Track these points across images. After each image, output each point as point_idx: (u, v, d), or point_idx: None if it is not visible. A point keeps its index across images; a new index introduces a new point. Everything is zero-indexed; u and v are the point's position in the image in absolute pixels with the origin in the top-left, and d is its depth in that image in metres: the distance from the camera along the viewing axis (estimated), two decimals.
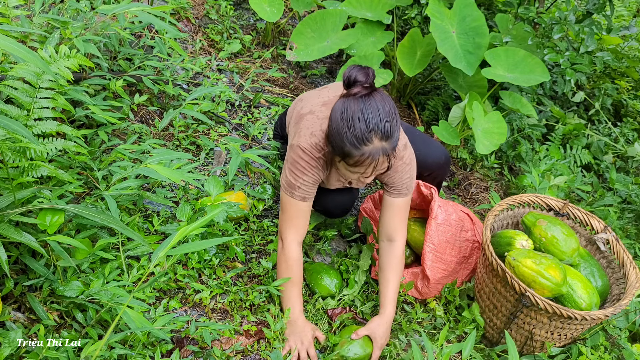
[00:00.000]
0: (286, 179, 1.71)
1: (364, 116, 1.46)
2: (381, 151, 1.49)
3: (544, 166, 2.65)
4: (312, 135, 1.66)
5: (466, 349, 1.43)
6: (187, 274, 1.73)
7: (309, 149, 1.65)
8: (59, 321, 1.44)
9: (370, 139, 1.47)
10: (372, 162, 1.51)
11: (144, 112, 2.31)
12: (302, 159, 1.66)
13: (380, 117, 1.47)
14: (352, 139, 1.48)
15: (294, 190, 1.70)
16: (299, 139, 1.68)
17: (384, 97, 1.51)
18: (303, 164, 1.67)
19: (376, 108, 1.48)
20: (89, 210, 1.35)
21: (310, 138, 1.66)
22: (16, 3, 1.90)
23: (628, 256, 1.87)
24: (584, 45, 2.86)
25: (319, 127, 1.67)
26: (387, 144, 1.49)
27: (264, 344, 1.65)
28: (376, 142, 1.48)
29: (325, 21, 2.76)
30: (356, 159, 1.50)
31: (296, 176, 1.68)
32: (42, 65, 1.06)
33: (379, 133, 1.47)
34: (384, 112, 1.48)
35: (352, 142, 1.48)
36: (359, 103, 1.48)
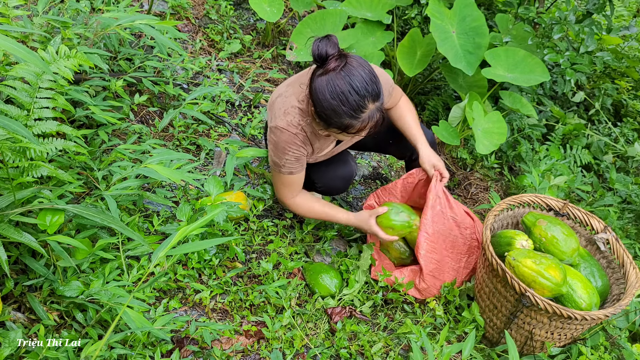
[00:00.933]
0: (271, 160, 1.80)
1: (353, 87, 1.51)
2: (376, 110, 1.58)
3: (544, 166, 2.65)
4: (285, 114, 1.70)
5: (466, 349, 1.43)
6: (187, 274, 1.73)
7: (285, 127, 1.70)
8: (59, 321, 1.44)
9: (366, 105, 1.54)
10: (371, 122, 1.59)
11: (144, 112, 2.31)
12: (280, 139, 1.71)
13: (366, 82, 1.52)
14: (350, 111, 1.53)
15: (280, 167, 1.78)
16: (275, 121, 1.73)
17: (358, 61, 1.55)
18: (283, 144, 1.72)
19: (359, 75, 1.52)
20: (89, 210, 1.35)
21: (284, 117, 1.70)
22: (16, 3, 1.90)
23: (628, 256, 1.87)
24: (584, 45, 2.86)
25: (289, 105, 1.71)
26: (378, 102, 1.57)
27: (264, 344, 1.65)
28: (370, 106, 1.55)
29: (325, 21, 2.76)
30: (358, 127, 1.58)
31: (279, 156, 1.75)
32: (42, 65, 1.06)
33: (370, 97, 1.54)
34: (366, 75, 1.53)
35: (350, 114, 1.54)
36: (342, 76, 1.52)
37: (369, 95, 1.53)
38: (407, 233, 1.94)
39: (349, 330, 1.76)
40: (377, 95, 1.56)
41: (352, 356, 1.69)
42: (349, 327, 1.76)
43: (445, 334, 1.57)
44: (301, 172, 1.82)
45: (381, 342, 1.75)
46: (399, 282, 1.94)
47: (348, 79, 1.51)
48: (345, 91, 1.51)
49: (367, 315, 1.87)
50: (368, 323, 1.85)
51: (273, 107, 1.78)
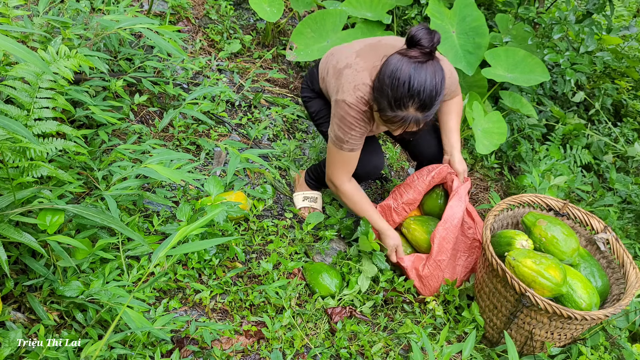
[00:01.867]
0: (335, 134, 1.78)
1: (410, 82, 1.49)
2: (413, 119, 1.56)
3: (544, 166, 2.65)
4: (356, 89, 1.69)
5: (466, 349, 1.43)
6: (187, 274, 1.73)
7: (355, 103, 1.69)
8: (59, 321, 1.44)
9: (408, 106, 1.53)
10: (402, 125, 1.58)
11: (144, 112, 2.31)
12: (349, 114, 1.71)
13: (424, 88, 1.50)
14: (391, 99, 1.53)
15: (343, 144, 1.78)
16: (343, 95, 1.71)
17: (436, 69, 1.52)
18: (350, 120, 1.72)
19: (424, 79, 1.50)
20: (89, 210, 1.35)
21: (354, 92, 1.69)
22: (16, 3, 1.90)
23: (628, 256, 1.87)
24: (584, 45, 2.86)
25: (361, 81, 1.69)
26: (421, 115, 1.55)
27: (264, 344, 1.65)
28: (411, 110, 1.54)
29: (325, 21, 2.76)
30: (389, 117, 1.58)
31: (344, 131, 1.74)
32: (42, 65, 1.06)
33: (417, 103, 1.52)
34: (430, 84, 1.50)
35: (390, 102, 1.54)
36: (411, 67, 1.50)
37: (417, 101, 1.52)
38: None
39: (349, 330, 1.76)
40: (424, 107, 1.54)
41: (352, 356, 1.69)
42: (349, 327, 1.76)
43: (445, 334, 1.57)
44: (359, 150, 1.83)
45: (381, 342, 1.75)
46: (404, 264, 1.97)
47: (414, 73, 1.50)
48: (402, 80, 1.50)
49: (367, 315, 1.87)
50: (368, 323, 1.85)
51: (340, 78, 1.76)
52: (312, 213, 2.10)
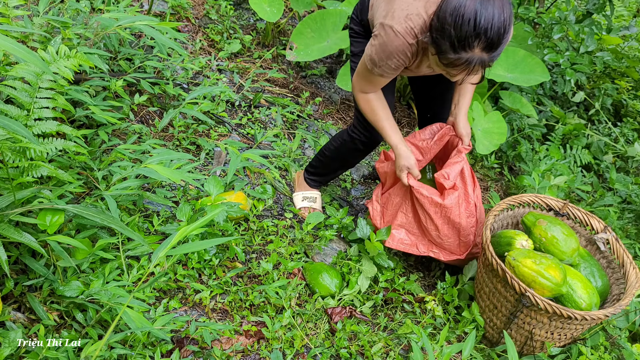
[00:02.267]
0: (370, 56, 1.64)
1: (476, 19, 1.33)
2: (479, 61, 1.40)
3: (544, 166, 2.65)
4: (407, 19, 1.52)
5: (466, 349, 1.43)
6: (187, 274, 1.73)
7: (402, 32, 1.53)
8: (59, 321, 1.44)
9: (473, 46, 1.37)
10: (466, 69, 1.43)
11: (144, 112, 2.31)
12: (392, 43, 1.55)
13: (492, 25, 1.34)
14: (454, 39, 1.37)
15: (375, 67, 1.65)
16: (392, 20, 1.54)
17: (504, 3, 1.36)
18: (392, 49, 1.57)
19: (492, 14, 1.33)
20: (89, 210, 1.35)
21: (405, 21, 1.52)
22: (16, 3, 1.90)
23: (628, 256, 1.87)
24: (584, 45, 2.86)
25: (415, 11, 1.51)
26: (487, 56, 1.40)
27: (264, 344, 1.65)
28: (477, 52, 1.38)
29: (325, 21, 2.76)
30: (451, 60, 1.42)
31: (381, 58, 1.61)
32: (42, 65, 1.06)
33: (484, 42, 1.36)
34: (498, 20, 1.34)
35: (453, 43, 1.38)
36: (477, 2, 1.34)
37: (484, 39, 1.35)
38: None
39: (349, 330, 1.76)
40: (492, 47, 1.37)
41: (352, 356, 1.69)
42: (349, 327, 1.76)
43: (445, 334, 1.57)
44: (390, 78, 1.72)
45: (381, 342, 1.75)
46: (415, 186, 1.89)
47: (480, 8, 1.33)
48: (467, 17, 1.34)
49: (367, 315, 1.87)
50: (368, 323, 1.85)
51: (393, 3, 1.57)
52: (312, 213, 2.10)
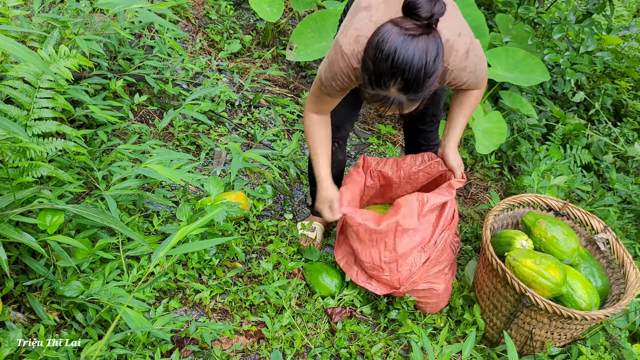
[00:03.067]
0: (320, 72, 1.60)
1: (394, 58, 1.27)
2: (396, 101, 1.35)
3: (544, 166, 2.65)
4: (356, 42, 1.45)
5: (466, 349, 1.43)
6: (187, 274, 1.73)
7: (348, 55, 1.47)
8: (59, 321, 1.44)
9: (388, 85, 1.32)
10: (383, 106, 1.38)
11: (144, 112, 2.31)
12: (337, 63, 1.50)
13: (410, 67, 1.27)
14: (372, 74, 1.33)
15: (321, 85, 1.60)
16: (344, 39, 1.48)
17: (430, 46, 1.28)
18: (336, 69, 1.52)
19: (411, 55, 1.26)
20: (89, 210, 1.35)
21: (354, 44, 1.46)
22: (15, 3, 1.90)
23: (628, 256, 1.87)
24: (584, 45, 2.86)
25: (366, 33, 1.43)
26: (405, 97, 1.34)
27: (264, 344, 1.65)
28: (393, 91, 1.33)
29: (325, 21, 2.76)
30: (369, 94, 1.38)
31: (327, 77, 1.56)
32: (42, 65, 1.06)
33: (400, 83, 1.30)
34: (418, 62, 1.27)
35: (371, 78, 1.34)
36: (400, 40, 1.27)
37: (400, 79, 1.29)
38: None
39: (349, 330, 1.76)
40: (408, 89, 1.32)
41: (352, 356, 1.69)
42: (349, 327, 1.76)
43: (445, 334, 1.57)
44: (339, 98, 1.67)
45: (381, 342, 1.75)
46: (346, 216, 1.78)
47: (400, 46, 1.26)
48: (386, 53, 1.28)
49: (368, 315, 1.87)
50: (368, 323, 1.85)
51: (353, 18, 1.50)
52: (306, 248, 2.02)
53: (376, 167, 1.98)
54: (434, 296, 1.83)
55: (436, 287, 1.81)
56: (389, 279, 1.78)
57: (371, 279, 1.84)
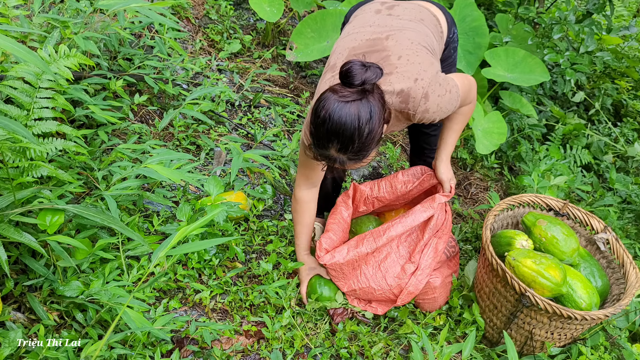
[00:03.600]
0: (302, 133, 1.65)
1: (330, 122, 1.35)
2: (338, 160, 1.43)
3: (544, 166, 2.65)
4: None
5: (466, 349, 1.43)
6: (187, 274, 1.73)
7: None
8: (59, 321, 1.44)
9: (328, 147, 1.39)
10: (329, 163, 1.47)
11: (144, 112, 2.31)
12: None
13: (344, 130, 1.34)
14: (315, 136, 1.41)
15: (304, 147, 1.63)
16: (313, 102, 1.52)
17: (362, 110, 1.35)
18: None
19: (344, 120, 1.34)
20: (89, 210, 1.35)
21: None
22: (15, 3, 1.90)
23: (628, 256, 1.87)
24: (584, 45, 2.86)
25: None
26: (344, 157, 1.41)
27: (264, 344, 1.65)
28: (332, 152, 1.40)
29: (325, 21, 2.76)
30: (314, 153, 1.47)
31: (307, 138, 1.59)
32: (42, 65, 1.06)
33: (336, 145, 1.38)
34: (351, 126, 1.34)
35: (314, 139, 1.42)
36: (335, 105, 1.35)
37: (336, 142, 1.37)
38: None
39: (349, 330, 1.76)
40: (346, 149, 1.38)
41: (352, 356, 1.69)
42: (349, 328, 1.76)
43: (445, 334, 1.57)
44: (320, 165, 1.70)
45: (381, 342, 1.75)
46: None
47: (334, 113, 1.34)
48: (321, 119, 1.36)
49: (369, 319, 1.87)
50: (369, 324, 1.85)
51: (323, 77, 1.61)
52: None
53: (371, 194, 2.02)
54: (430, 291, 1.85)
55: (433, 280, 1.83)
56: (383, 297, 1.82)
57: (370, 301, 1.88)
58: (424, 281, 1.79)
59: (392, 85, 1.50)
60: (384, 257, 1.82)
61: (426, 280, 1.80)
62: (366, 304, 1.88)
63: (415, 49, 1.56)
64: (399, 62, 1.52)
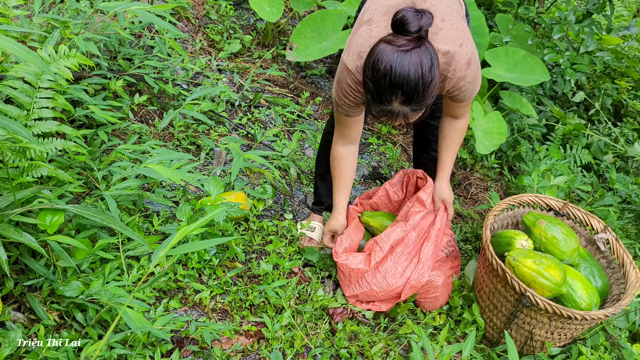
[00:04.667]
0: (333, 92, 1.66)
1: (392, 74, 1.32)
2: (400, 114, 1.40)
3: (544, 166, 2.65)
4: (359, 57, 1.51)
5: (466, 349, 1.43)
6: (187, 274, 1.73)
7: (353, 71, 1.53)
8: (59, 321, 1.44)
9: (391, 100, 1.37)
10: (390, 120, 1.44)
11: (144, 112, 2.31)
12: (345, 80, 1.56)
13: (407, 81, 1.32)
14: (374, 92, 1.38)
15: (338, 106, 1.65)
16: (347, 56, 1.54)
17: (423, 57, 1.33)
18: (345, 86, 1.57)
19: (407, 70, 1.31)
20: (89, 210, 1.35)
21: (357, 60, 1.51)
22: (16, 3, 1.90)
23: (628, 256, 1.87)
24: (584, 45, 2.86)
25: (366, 49, 1.47)
26: (408, 108, 1.39)
27: (264, 344, 1.65)
28: (396, 105, 1.38)
29: (325, 21, 2.76)
30: (374, 111, 1.45)
31: (339, 96, 1.61)
32: (42, 65, 1.06)
33: (401, 96, 1.35)
34: (414, 75, 1.32)
35: (373, 96, 1.39)
36: (394, 56, 1.31)
37: (400, 94, 1.34)
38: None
39: (349, 330, 1.76)
40: (410, 101, 1.36)
41: (352, 356, 1.69)
42: (349, 328, 1.76)
43: (445, 334, 1.57)
44: (358, 116, 1.70)
45: (382, 342, 1.75)
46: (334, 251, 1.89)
47: (395, 63, 1.31)
48: (382, 72, 1.33)
49: (369, 319, 1.87)
50: (369, 324, 1.85)
51: (355, 34, 1.57)
52: (307, 247, 2.03)
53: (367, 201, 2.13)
54: (432, 290, 1.86)
55: (434, 279, 1.84)
56: (386, 297, 1.84)
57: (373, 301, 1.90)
58: (425, 274, 1.80)
59: (437, 45, 1.45)
60: (380, 260, 1.84)
61: (428, 272, 1.81)
62: (371, 303, 1.89)
63: (455, 17, 1.55)
64: (443, 24, 1.50)
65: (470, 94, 1.64)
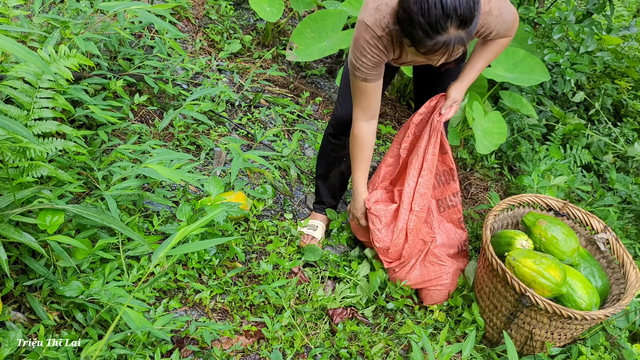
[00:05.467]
0: (349, 58, 1.63)
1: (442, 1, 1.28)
2: (457, 40, 1.35)
3: (544, 166, 2.65)
4: (377, 10, 1.49)
5: (466, 349, 1.43)
6: (187, 274, 1.73)
7: (371, 25, 1.50)
8: (59, 321, 1.44)
9: (446, 27, 1.31)
10: (446, 51, 1.38)
11: (144, 112, 2.31)
12: (363, 37, 1.53)
13: (460, 2, 1.28)
14: (425, 26, 1.31)
15: (355, 70, 1.61)
16: (364, 14, 1.52)
17: None
18: (363, 43, 1.54)
19: None
20: (89, 210, 1.35)
21: (375, 13, 1.49)
22: (16, 3, 1.90)
23: (628, 256, 1.87)
24: (584, 45, 2.86)
25: (385, 1, 1.47)
26: (464, 32, 1.34)
27: (264, 344, 1.65)
28: (452, 31, 1.33)
29: (325, 21, 2.76)
30: (429, 47, 1.37)
31: (356, 56, 1.58)
32: (42, 65, 1.06)
33: (456, 20, 1.30)
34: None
35: (425, 30, 1.32)
36: None
37: (455, 17, 1.29)
38: None
39: (349, 330, 1.76)
40: (466, 23, 1.32)
41: (352, 356, 1.69)
42: (349, 328, 1.76)
43: (445, 334, 1.57)
44: (377, 82, 1.65)
45: (381, 342, 1.75)
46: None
47: None
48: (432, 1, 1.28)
49: (369, 318, 1.87)
50: (369, 324, 1.85)
51: None
52: (309, 246, 2.02)
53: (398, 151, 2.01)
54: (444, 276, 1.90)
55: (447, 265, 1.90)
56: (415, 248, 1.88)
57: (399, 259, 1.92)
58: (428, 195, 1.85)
59: None
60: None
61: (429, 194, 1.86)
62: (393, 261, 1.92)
63: None
64: None
65: (503, 28, 1.61)
